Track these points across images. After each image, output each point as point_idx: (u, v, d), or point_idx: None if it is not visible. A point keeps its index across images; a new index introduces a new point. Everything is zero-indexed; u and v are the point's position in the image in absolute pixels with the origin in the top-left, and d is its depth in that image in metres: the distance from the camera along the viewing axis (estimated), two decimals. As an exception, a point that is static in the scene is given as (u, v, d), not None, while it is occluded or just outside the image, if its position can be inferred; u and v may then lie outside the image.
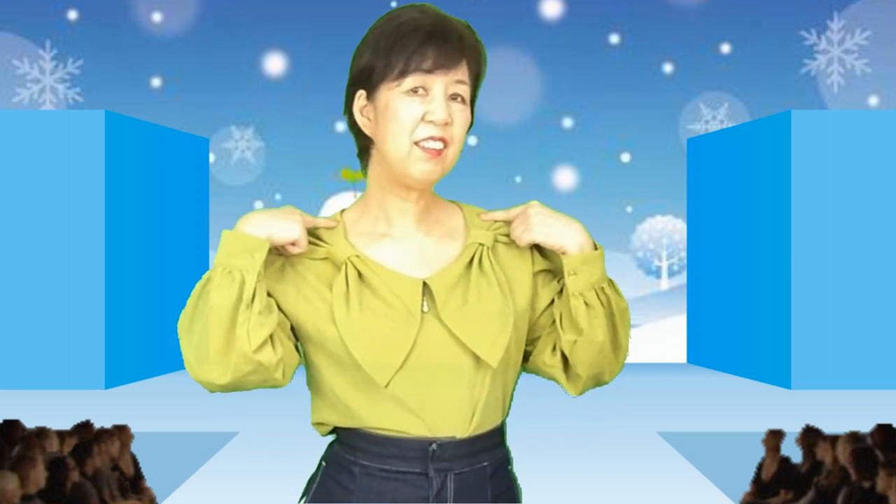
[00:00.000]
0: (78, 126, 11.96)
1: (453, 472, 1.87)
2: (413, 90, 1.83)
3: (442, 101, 1.83)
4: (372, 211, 1.92)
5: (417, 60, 1.82)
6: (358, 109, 1.89)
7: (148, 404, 10.76)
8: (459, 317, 1.84)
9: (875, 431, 6.24)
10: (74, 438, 6.29)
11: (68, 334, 11.68)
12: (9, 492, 4.78)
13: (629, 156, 21.60)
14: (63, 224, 11.75)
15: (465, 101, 1.87)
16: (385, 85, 1.84)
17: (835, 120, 12.23)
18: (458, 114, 1.86)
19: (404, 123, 1.83)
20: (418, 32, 1.83)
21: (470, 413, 1.87)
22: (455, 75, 1.85)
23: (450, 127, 1.84)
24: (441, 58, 1.83)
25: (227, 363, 1.82)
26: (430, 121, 1.83)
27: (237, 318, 1.81)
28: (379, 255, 1.89)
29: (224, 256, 1.82)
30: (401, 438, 1.86)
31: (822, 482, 5.89)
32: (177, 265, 13.83)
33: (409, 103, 1.83)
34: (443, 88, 1.84)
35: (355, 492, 1.88)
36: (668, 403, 11.28)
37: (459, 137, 1.87)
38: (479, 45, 1.91)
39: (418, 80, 1.83)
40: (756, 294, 12.80)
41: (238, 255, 1.81)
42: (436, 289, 1.85)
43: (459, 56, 1.85)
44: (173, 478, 7.18)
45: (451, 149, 1.86)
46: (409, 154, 1.83)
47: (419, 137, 1.83)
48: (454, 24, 1.88)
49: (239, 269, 1.81)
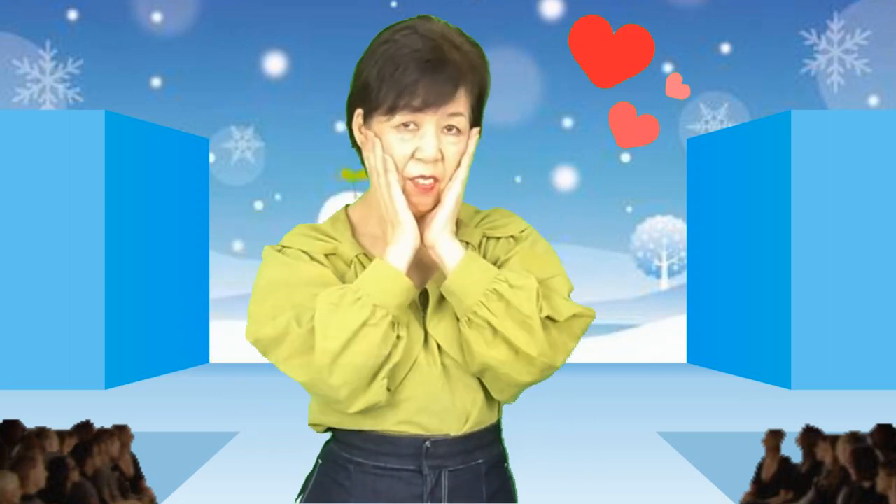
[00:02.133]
0: (78, 126, 11.95)
1: (448, 469, 1.89)
2: (404, 125, 1.82)
3: (432, 138, 1.82)
4: (375, 214, 1.92)
5: (407, 98, 1.80)
6: (357, 126, 1.89)
7: (148, 404, 10.76)
8: (440, 325, 1.87)
9: (875, 431, 6.24)
10: (74, 438, 6.29)
11: (68, 334, 11.68)
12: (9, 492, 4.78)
13: (629, 156, 21.61)
14: (63, 224, 11.74)
15: (461, 131, 1.85)
16: (377, 117, 1.84)
17: (835, 120, 12.22)
18: (450, 146, 1.84)
19: (394, 158, 1.83)
20: (411, 68, 1.80)
21: (464, 412, 1.89)
22: (448, 109, 1.83)
23: (440, 163, 1.83)
24: (431, 95, 1.81)
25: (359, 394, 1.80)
26: (420, 158, 1.82)
27: (382, 371, 1.79)
28: (381, 255, 1.89)
29: (392, 303, 1.78)
30: (395, 436, 1.87)
31: (822, 482, 5.89)
32: (177, 265, 13.82)
33: (398, 140, 1.82)
34: (434, 125, 1.82)
35: (351, 489, 1.89)
36: (668, 403, 11.28)
37: (452, 170, 1.85)
38: (480, 66, 1.88)
39: (408, 117, 1.81)
40: (756, 294, 12.79)
41: (402, 309, 1.80)
42: (431, 295, 1.88)
43: (453, 89, 1.83)
44: (173, 478, 7.18)
45: (443, 183, 1.84)
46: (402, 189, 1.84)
47: (409, 175, 1.82)
48: (453, 45, 1.84)
49: (400, 322, 1.80)
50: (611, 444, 8.67)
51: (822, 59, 19.43)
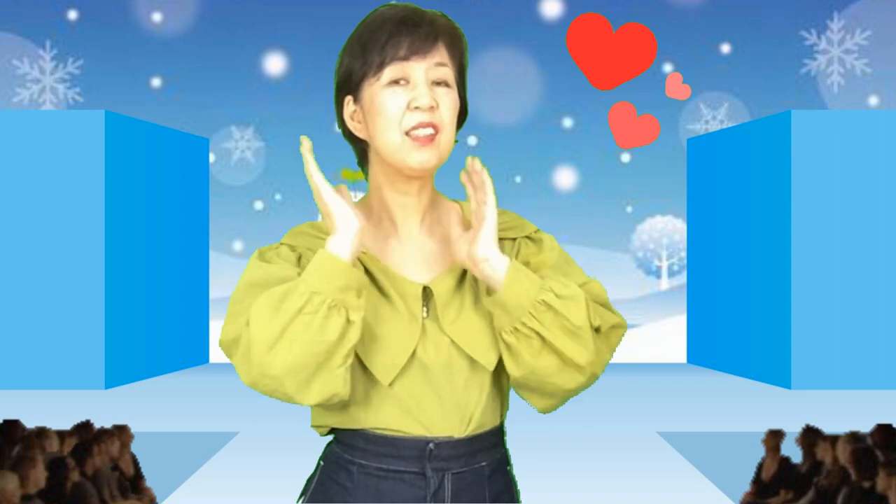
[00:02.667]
0: (78, 126, 11.96)
1: (451, 471, 1.88)
2: (394, 81, 1.82)
3: (424, 86, 1.82)
4: (375, 210, 1.92)
5: (392, 50, 1.81)
6: (348, 116, 1.89)
7: (148, 404, 10.76)
8: (456, 322, 1.86)
9: (875, 431, 6.24)
10: (74, 438, 6.30)
11: (68, 334, 11.68)
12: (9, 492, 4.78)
13: (629, 156, 21.63)
14: (63, 224, 11.74)
15: (451, 85, 1.86)
16: (366, 83, 1.84)
17: (835, 120, 12.22)
18: (444, 97, 1.84)
19: (391, 115, 1.82)
20: (388, 24, 1.83)
21: (468, 414, 1.88)
22: (433, 58, 1.84)
23: (437, 111, 1.83)
24: (415, 43, 1.82)
25: (308, 385, 1.76)
26: (416, 107, 1.81)
27: (336, 358, 1.75)
28: (384, 255, 1.90)
29: (329, 287, 1.73)
30: (398, 438, 1.86)
31: (822, 482, 5.89)
32: (177, 265, 13.83)
33: (391, 94, 1.82)
34: (423, 74, 1.83)
35: (353, 491, 1.88)
36: (668, 403, 11.28)
37: (450, 121, 1.85)
38: (455, 29, 1.89)
39: (396, 69, 1.82)
40: (756, 294, 12.79)
41: (345, 291, 1.74)
42: (436, 293, 1.87)
43: (434, 39, 1.84)
44: (173, 478, 7.18)
45: (443, 135, 1.84)
46: (401, 145, 1.82)
47: (408, 126, 1.82)
48: (426, 12, 1.87)
49: (344, 307, 1.74)
50: (611, 444, 8.67)
51: (822, 59, 19.44)
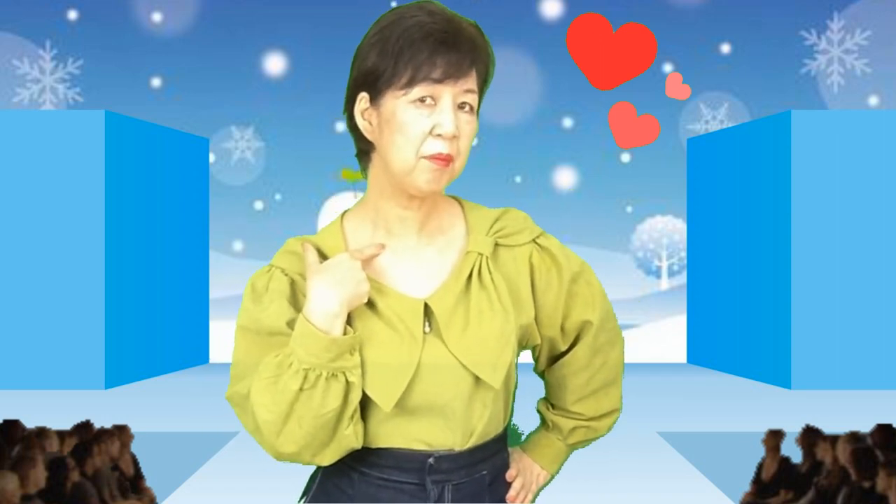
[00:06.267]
0: (78, 126, 11.95)
1: (451, 483, 1.86)
2: (421, 100, 1.77)
3: (450, 113, 1.77)
4: (370, 218, 1.88)
5: (427, 69, 1.76)
6: (359, 112, 1.83)
7: (148, 404, 10.76)
8: (461, 340, 1.81)
9: (875, 431, 6.24)
10: (74, 438, 6.30)
11: (68, 334, 11.67)
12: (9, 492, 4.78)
13: (629, 156, 21.62)
14: (63, 224, 11.74)
15: (473, 111, 1.82)
16: (391, 92, 1.78)
17: (835, 120, 12.22)
18: (466, 125, 1.80)
19: (412, 136, 1.77)
20: (428, 40, 1.77)
21: (470, 428, 1.85)
22: (464, 84, 1.79)
23: (457, 140, 1.79)
24: (451, 67, 1.77)
25: (323, 450, 1.80)
26: (439, 134, 1.77)
27: (344, 420, 1.77)
28: (381, 271, 1.85)
29: (321, 361, 1.74)
30: (398, 451, 1.84)
31: (822, 482, 5.89)
32: (177, 265, 13.83)
33: (416, 115, 1.77)
34: (451, 99, 1.78)
35: (354, 497, 1.87)
36: (668, 403, 11.28)
37: (466, 149, 1.81)
38: (488, 49, 1.85)
39: (427, 89, 1.77)
40: (756, 294, 12.79)
41: (337, 360, 1.74)
42: (437, 310, 1.82)
43: (469, 65, 1.80)
44: (173, 478, 7.17)
45: (458, 162, 1.81)
46: (414, 167, 1.78)
47: (426, 153, 1.77)
48: (465, 28, 1.81)
49: (342, 371, 1.75)
50: (611, 444, 8.65)
51: (822, 59, 19.43)
